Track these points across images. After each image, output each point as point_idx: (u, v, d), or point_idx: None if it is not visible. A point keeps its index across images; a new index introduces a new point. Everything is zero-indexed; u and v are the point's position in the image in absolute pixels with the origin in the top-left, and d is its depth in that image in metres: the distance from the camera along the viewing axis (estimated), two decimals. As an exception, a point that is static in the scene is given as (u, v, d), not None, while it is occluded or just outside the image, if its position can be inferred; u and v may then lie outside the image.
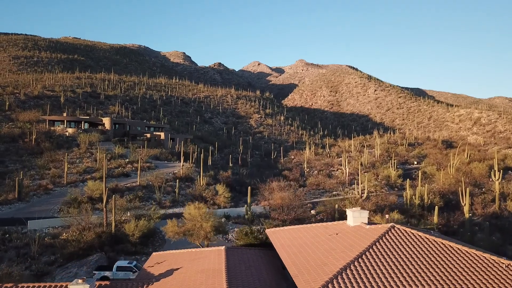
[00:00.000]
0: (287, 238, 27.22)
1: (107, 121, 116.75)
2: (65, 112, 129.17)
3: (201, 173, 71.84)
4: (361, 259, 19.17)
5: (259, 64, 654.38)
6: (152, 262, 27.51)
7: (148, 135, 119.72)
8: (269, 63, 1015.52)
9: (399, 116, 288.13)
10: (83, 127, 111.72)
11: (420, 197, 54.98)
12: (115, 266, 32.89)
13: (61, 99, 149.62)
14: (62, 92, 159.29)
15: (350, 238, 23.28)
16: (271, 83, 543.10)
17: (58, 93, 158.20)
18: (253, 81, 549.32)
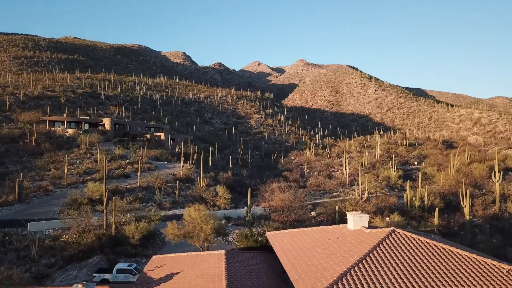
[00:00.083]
0: (287, 241, 27.16)
1: (107, 121, 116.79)
2: (65, 112, 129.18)
3: (201, 174, 71.81)
4: (361, 264, 19.13)
5: (259, 64, 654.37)
6: (152, 265, 27.47)
7: (148, 136, 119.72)
8: (269, 63, 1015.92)
9: (399, 116, 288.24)
10: (83, 128, 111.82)
11: (420, 199, 54.89)
12: (115, 268, 32.91)
13: (61, 100, 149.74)
14: (62, 92, 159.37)
15: (350, 242, 23.22)
16: (271, 83, 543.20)
17: (58, 93, 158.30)
18: (253, 81, 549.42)
